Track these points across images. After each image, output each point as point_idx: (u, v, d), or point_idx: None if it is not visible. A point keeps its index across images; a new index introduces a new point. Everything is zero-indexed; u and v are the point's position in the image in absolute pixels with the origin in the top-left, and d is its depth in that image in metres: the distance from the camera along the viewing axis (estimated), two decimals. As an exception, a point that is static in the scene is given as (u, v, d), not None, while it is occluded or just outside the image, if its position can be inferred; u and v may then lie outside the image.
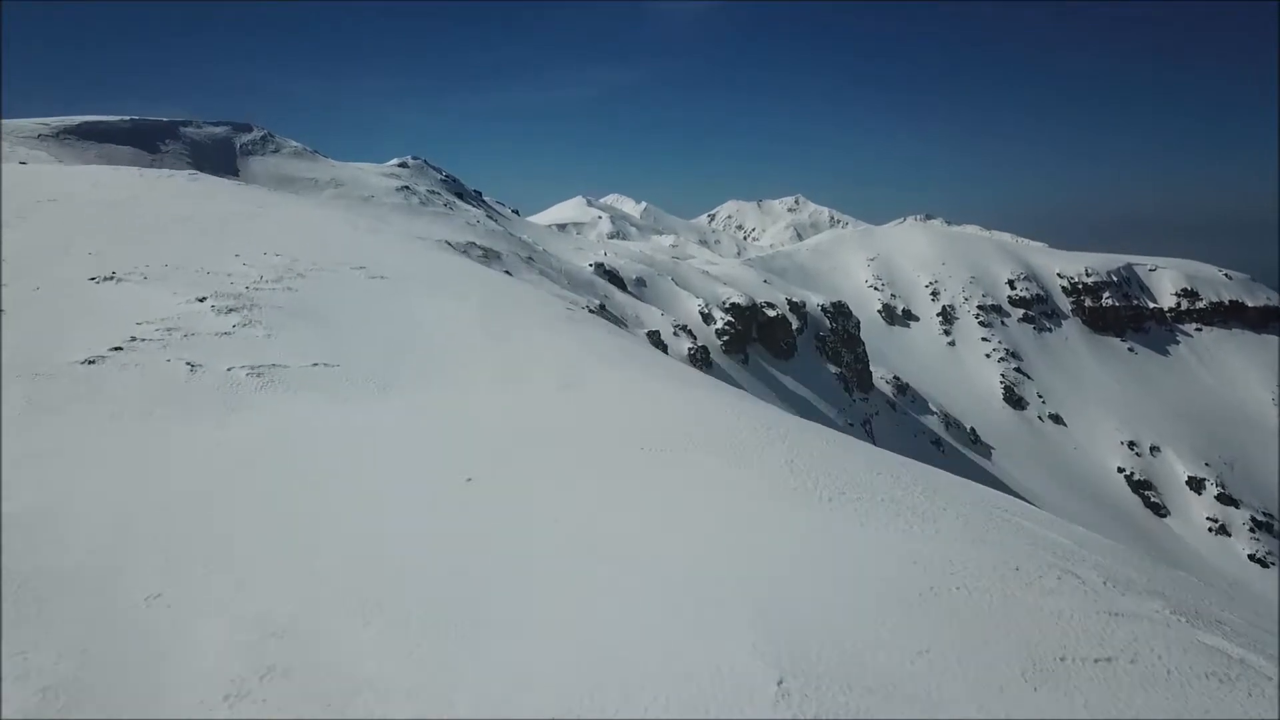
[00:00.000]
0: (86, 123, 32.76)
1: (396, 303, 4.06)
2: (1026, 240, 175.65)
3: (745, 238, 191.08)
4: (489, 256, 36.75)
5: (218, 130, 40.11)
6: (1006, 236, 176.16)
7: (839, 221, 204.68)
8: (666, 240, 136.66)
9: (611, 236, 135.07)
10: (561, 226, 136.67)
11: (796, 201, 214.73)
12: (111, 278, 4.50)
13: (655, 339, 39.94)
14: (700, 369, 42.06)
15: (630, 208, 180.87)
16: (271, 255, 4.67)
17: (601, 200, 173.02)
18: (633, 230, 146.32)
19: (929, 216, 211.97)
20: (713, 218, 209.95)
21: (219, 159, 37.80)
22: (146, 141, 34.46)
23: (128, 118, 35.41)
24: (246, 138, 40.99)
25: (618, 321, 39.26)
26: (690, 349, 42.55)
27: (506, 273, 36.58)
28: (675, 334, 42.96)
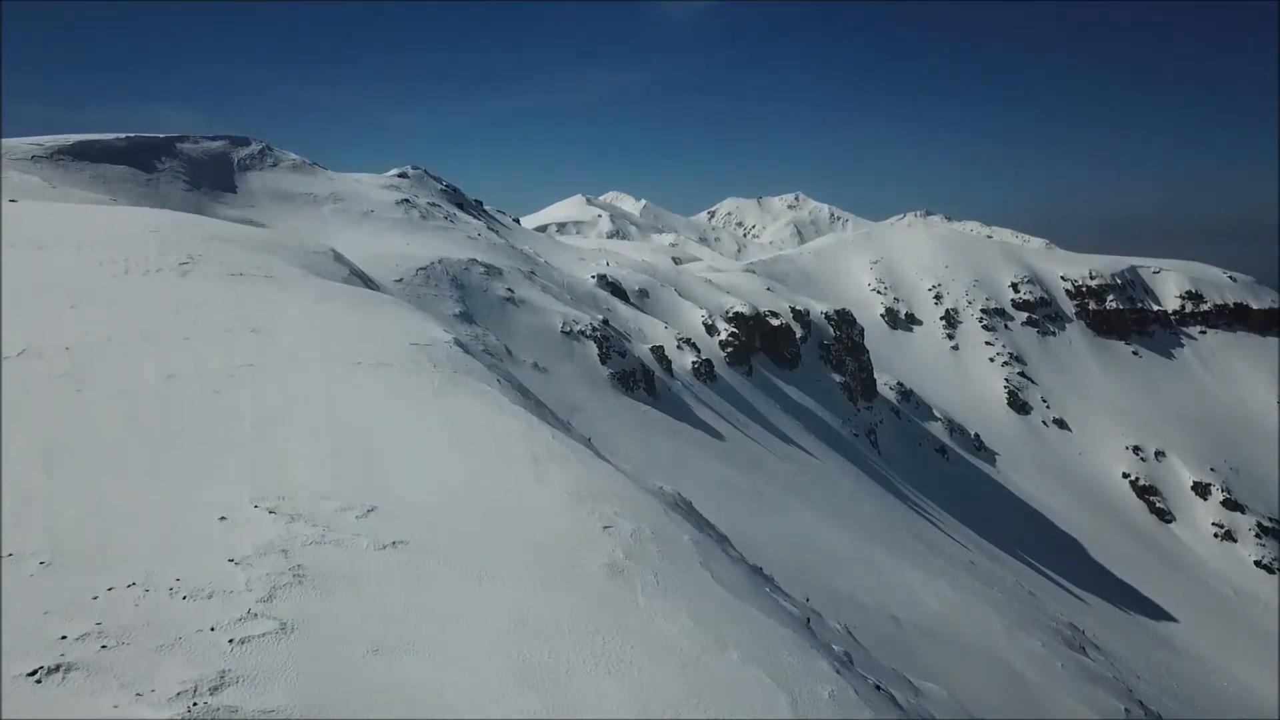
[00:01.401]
0: (81, 142, 32.14)
1: (417, 647, 3.04)
2: (1027, 236, 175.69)
3: (745, 235, 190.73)
4: (490, 274, 36.28)
5: (215, 145, 39.46)
6: (1007, 232, 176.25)
7: (839, 218, 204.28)
8: (666, 239, 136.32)
9: (611, 235, 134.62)
10: (561, 225, 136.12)
11: (796, 198, 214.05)
12: (58, 668, 3.19)
13: (660, 354, 39.51)
14: (704, 383, 41.58)
15: (630, 205, 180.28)
16: (264, 510, 3.73)
17: (601, 198, 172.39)
18: (632, 229, 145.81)
19: (929, 212, 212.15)
20: (712, 215, 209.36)
21: (216, 175, 37.21)
22: (142, 160, 33.81)
23: (123, 135, 34.77)
24: (244, 152, 40.36)
25: (622, 336, 38.78)
26: (694, 363, 42.08)
27: (510, 285, 36.11)
28: (679, 348, 42.48)
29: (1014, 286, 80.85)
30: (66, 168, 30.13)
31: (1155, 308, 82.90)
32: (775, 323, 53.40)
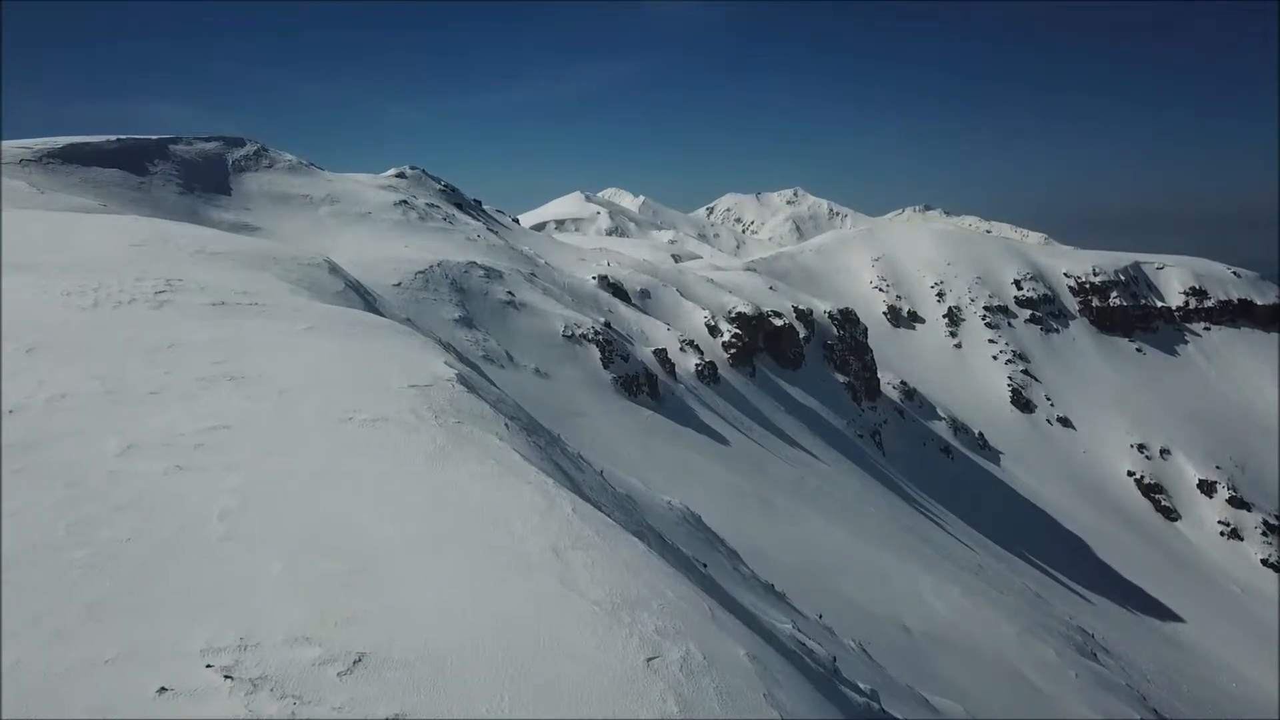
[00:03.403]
0: (72, 145, 31.41)
1: None
2: (1026, 231, 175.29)
3: (744, 231, 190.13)
4: (490, 277, 35.66)
5: (209, 146, 38.70)
6: (1006, 227, 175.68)
7: (838, 213, 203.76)
8: (665, 236, 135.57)
9: (610, 232, 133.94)
10: (560, 223, 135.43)
11: (795, 194, 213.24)
12: None
13: (663, 357, 38.93)
14: (708, 385, 40.95)
15: (629, 202, 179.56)
16: (218, 672, 2.61)
17: (599, 194, 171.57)
18: (631, 226, 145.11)
19: (928, 207, 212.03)
20: (711, 211, 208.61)
21: (211, 177, 36.49)
22: (134, 163, 33.07)
23: (115, 138, 34.01)
24: (239, 153, 39.59)
25: (624, 339, 38.15)
26: (698, 365, 41.47)
27: (510, 288, 35.46)
28: (682, 350, 41.87)
29: (1017, 283, 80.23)
30: (55, 171, 29.40)
31: (1159, 304, 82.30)
32: (778, 322, 52.78)
